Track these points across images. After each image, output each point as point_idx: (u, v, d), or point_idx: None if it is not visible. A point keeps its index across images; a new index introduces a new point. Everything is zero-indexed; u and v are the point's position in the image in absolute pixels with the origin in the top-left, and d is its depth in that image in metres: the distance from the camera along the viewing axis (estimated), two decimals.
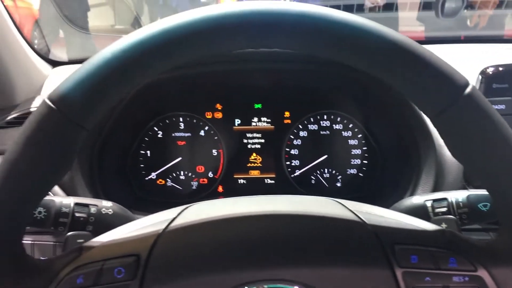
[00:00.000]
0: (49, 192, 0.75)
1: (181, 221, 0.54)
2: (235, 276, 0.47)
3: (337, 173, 1.17)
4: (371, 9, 1.88)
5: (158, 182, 1.16)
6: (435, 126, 0.45)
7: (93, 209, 0.70)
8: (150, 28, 0.42)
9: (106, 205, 0.72)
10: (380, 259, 0.49)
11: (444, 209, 0.67)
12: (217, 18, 0.42)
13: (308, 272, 0.47)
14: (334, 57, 0.44)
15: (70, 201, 0.70)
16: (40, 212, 0.67)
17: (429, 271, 0.48)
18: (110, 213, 0.71)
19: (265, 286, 0.46)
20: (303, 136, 1.17)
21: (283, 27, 0.42)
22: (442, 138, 0.46)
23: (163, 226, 0.53)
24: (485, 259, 0.49)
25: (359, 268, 0.48)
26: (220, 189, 1.18)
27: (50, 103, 0.42)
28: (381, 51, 0.42)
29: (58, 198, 0.69)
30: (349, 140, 1.16)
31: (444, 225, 0.57)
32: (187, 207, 0.59)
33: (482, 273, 0.49)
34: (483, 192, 0.67)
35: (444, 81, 0.42)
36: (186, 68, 1.00)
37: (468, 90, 0.42)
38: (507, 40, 1.39)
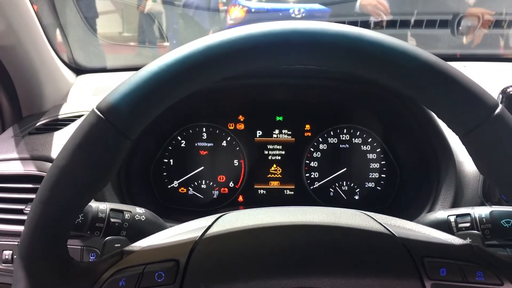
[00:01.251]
0: None
1: (217, 228, 0.56)
2: (270, 284, 0.49)
3: (355, 186, 1.19)
4: (376, 24, 1.89)
5: (180, 190, 1.19)
6: (463, 143, 0.47)
7: (127, 215, 0.73)
8: (208, 40, 0.45)
9: (139, 212, 0.75)
10: (410, 271, 0.50)
11: (467, 224, 0.69)
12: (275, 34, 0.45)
13: (340, 281, 0.49)
14: (370, 76, 0.46)
15: (106, 206, 0.72)
16: (78, 217, 0.69)
17: (457, 284, 0.50)
18: (143, 219, 0.74)
19: None
20: (323, 149, 1.20)
21: (339, 48, 0.44)
22: (470, 155, 0.48)
23: (200, 233, 0.55)
24: (511, 273, 0.51)
25: (389, 279, 0.50)
26: (240, 198, 1.20)
27: (98, 113, 0.45)
28: (415, 71, 0.44)
29: (95, 203, 0.72)
30: (368, 154, 1.19)
31: (469, 240, 0.59)
32: (221, 215, 0.61)
33: (508, 287, 0.50)
34: (506, 208, 0.69)
35: (475, 101, 0.44)
36: None
37: (498, 110, 0.44)
38: None
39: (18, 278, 0.48)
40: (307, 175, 1.20)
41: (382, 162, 1.18)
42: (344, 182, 1.19)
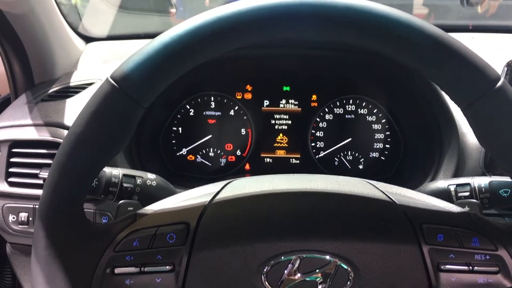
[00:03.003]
0: None
1: (225, 194, 0.59)
2: (276, 246, 0.52)
3: (360, 156, 1.21)
4: None
5: (188, 158, 1.22)
6: (465, 116, 0.49)
7: (139, 181, 0.76)
8: (220, 11, 0.46)
9: (151, 177, 0.78)
10: (408, 236, 0.53)
11: (467, 194, 0.72)
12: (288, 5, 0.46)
13: (342, 244, 0.52)
14: (375, 47, 0.48)
15: (119, 172, 0.75)
16: (93, 181, 0.72)
17: (453, 249, 0.53)
18: (154, 184, 0.77)
19: (303, 256, 0.51)
20: (329, 119, 1.21)
21: (347, 20, 0.46)
22: (471, 127, 0.50)
23: (209, 198, 0.58)
24: (506, 240, 0.54)
25: (389, 243, 0.53)
26: (247, 166, 1.23)
27: (112, 82, 0.47)
28: (419, 43, 0.46)
29: (108, 169, 0.75)
30: (373, 125, 1.21)
31: (467, 208, 0.61)
32: (230, 182, 0.64)
33: (503, 252, 0.53)
34: (505, 179, 0.72)
35: (477, 74, 0.46)
36: None
37: (499, 84, 0.46)
38: None
39: (38, 237, 0.52)
40: (313, 144, 1.22)
41: (387, 133, 1.20)
42: (349, 152, 1.21)
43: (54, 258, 0.51)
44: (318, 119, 1.22)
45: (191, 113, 1.21)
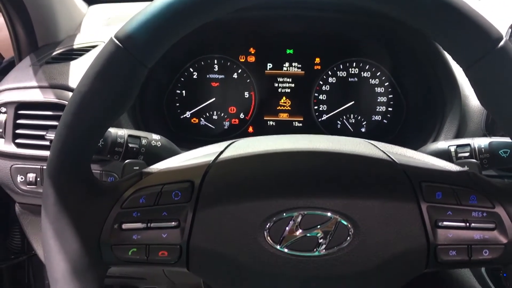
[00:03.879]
0: None
1: (229, 153, 0.60)
2: (278, 203, 0.53)
3: (362, 119, 1.22)
4: None
5: (192, 121, 1.23)
6: (466, 75, 0.50)
7: (144, 141, 0.77)
8: None
9: (155, 138, 0.79)
10: (407, 194, 0.55)
11: (467, 154, 0.73)
12: None
13: (343, 202, 0.53)
14: (377, 7, 0.48)
15: (124, 132, 0.76)
16: (99, 141, 0.74)
17: (451, 206, 0.54)
18: (158, 145, 0.78)
19: (304, 213, 0.53)
20: (332, 82, 1.22)
21: None
22: (473, 87, 0.50)
23: (213, 158, 0.59)
24: (503, 198, 0.55)
25: (388, 201, 0.54)
26: (250, 129, 1.24)
27: (117, 42, 0.48)
28: (422, 2, 0.46)
29: (114, 129, 0.76)
30: (375, 88, 1.21)
31: (466, 168, 0.62)
32: (233, 142, 0.65)
33: (500, 210, 0.54)
34: (505, 139, 0.72)
35: (479, 33, 0.46)
36: None
37: (501, 44, 0.46)
38: None
39: (47, 194, 0.53)
40: (316, 107, 1.23)
41: (390, 96, 1.20)
42: (352, 115, 1.22)
43: (63, 214, 0.53)
44: (321, 82, 1.22)
45: (195, 76, 1.21)
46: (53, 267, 0.54)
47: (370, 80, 1.21)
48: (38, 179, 0.94)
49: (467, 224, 0.54)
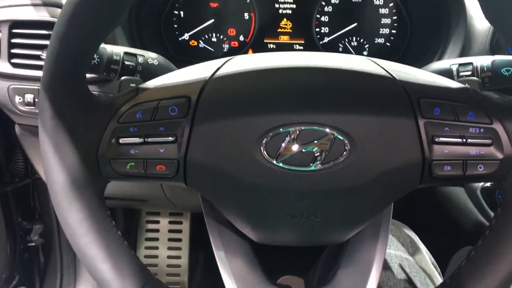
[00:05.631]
0: None
1: (226, 69, 0.59)
2: (275, 118, 0.53)
3: (365, 42, 1.19)
4: None
5: (190, 43, 1.20)
6: None
7: (140, 59, 0.76)
8: None
9: (152, 56, 0.77)
10: (406, 110, 0.54)
11: (469, 73, 0.72)
12: None
13: (340, 117, 0.53)
14: None
15: (120, 49, 0.75)
16: (93, 58, 0.73)
17: (448, 122, 0.54)
18: (155, 63, 0.77)
19: (301, 128, 0.53)
20: (335, 3, 1.17)
21: None
22: (479, 2, 0.48)
23: (210, 73, 0.58)
24: (502, 114, 0.55)
25: (386, 116, 0.54)
26: (250, 52, 1.22)
27: None
28: None
29: (109, 46, 0.75)
30: (380, 9, 1.17)
31: (467, 85, 0.61)
32: (231, 58, 0.64)
33: (497, 126, 0.54)
34: (508, 57, 0.71)
35: None
36: None
37: None
38: None
39: (43, 108, 0.53)
40: (317, 30, 1.19)
41: (394, 18, 1.17)
42: (354, 38, 1.19)
43: (60, 127, 0.53)
44: (324, 3, 1.18)
45: None
46: (52, 180, 0.54)
47: (374, 1, 1.16)
48: (36, 100, 0.94)
49: (464, 140, 0.54)
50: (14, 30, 0.93)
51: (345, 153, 0.52)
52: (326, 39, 1.20)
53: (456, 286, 0.58)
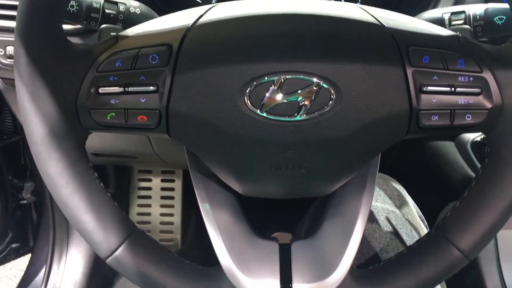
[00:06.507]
0: None
1: (209, 17, 0.57)
2: (259, 67, 0.51)
3: None
4: None
5: None
6: None
7: (121, 7, 0.73)
8: None
9: (134, 5, 0.75)
10: (394, 58, 0.53)
11: (461, 22, 0.70)
12: None
13: (326, 66, 0.51)
14: None
15: None
16: (72, 6, 0.70)
17: (437, 71, 0.53)
18: (138, 12, 0.75)
19: (286, 77, 0.51)
20: None
21: None
22: None
23: (193, 20, 0.56)
24: (492, 62, 0.53)
25: (373, 65, 0.52)
26: None
27: None
28: None
29: None
30: None
31: (458, 33, 0.59)
32: (215, 5, 0.62)
33: (487, 74, 0.53)
34: (502, 5, 0.69)
35: None
36: None
37: None
38: None
39: (19, 55, 0.51)
40: None
41: None
42: None
43: (36, 76, 0.51)
44: None
45: None
46: (31, 130, 0.53)
47: None
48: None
49: (452, 89, 0.52)
50: None
51: (330, 102, 0.51)
52: None
53: (441, 236, 0.58)
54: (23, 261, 1.77)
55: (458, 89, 0.52)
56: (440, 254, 0.58)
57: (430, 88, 0.52)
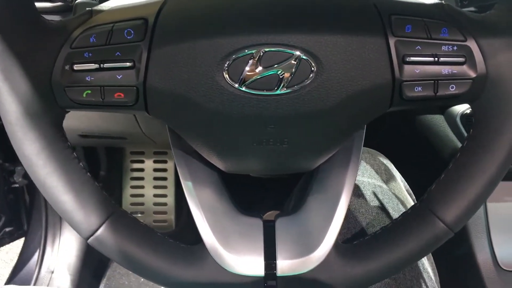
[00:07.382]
0: None
1: None
2: (237, 40, 0.50)
3: None
4: None
5: None
6: None
7: None
8: None
9: None
10: (375, 28, 0.51)
11: None
12: None
13: (306, 37, 0.50)
14: None
15: None
16: None
17: (420, 40, 0.51)
18: None
19: (265, 50, 0.50)
20: None
21: None
22: None
23: None
24: (476, 30, 0.52)
25: (354, 35, 0.51)
26: None
27: None
28: None
29: None
30: None
31: (442, 1, 0.58)
32: None
33: (471, 43, 0.52)
34: None
35: None
36: None
37: None
38: None
39: None
40: None
41: None
42: None
43: (8, 53, 0.50)
44: None
45: None
46: (5, 109, 0.52)
47: None
48: None
49: (436, 58, 0.51)
50: None
51: (311, 75, 0.50)
52: None
53: (425, 209, 0.58)
54: (19, 245, 1.77)
55: (442, 59, 0.51)
56: (424, 227, 0.57)
57: (413, 58, 0.51)
